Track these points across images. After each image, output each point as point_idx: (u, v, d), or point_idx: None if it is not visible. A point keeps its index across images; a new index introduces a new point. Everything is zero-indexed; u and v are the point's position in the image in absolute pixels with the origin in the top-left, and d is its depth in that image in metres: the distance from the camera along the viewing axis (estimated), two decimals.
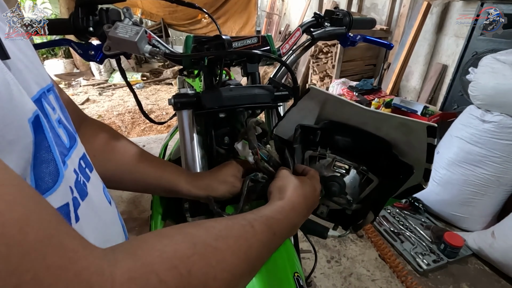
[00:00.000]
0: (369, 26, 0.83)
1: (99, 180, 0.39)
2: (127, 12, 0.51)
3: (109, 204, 0.38)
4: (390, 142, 0.48)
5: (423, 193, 1.78)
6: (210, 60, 0.56)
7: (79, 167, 0.33)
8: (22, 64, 0.26)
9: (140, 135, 3.11)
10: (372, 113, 0.46)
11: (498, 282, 1.42)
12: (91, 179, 0.35)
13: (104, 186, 0.40)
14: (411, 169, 0.46)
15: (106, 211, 0.37)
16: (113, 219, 0.38)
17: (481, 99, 1.55)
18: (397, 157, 0.47)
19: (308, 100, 0.49)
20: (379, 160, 0.49)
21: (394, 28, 3.04)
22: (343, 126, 0.51)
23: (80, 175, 0.32)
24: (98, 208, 0.34)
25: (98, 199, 0.35)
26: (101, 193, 0.37)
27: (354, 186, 0.50)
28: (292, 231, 0.40)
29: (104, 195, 0.38)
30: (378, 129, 0.48)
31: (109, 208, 0.38)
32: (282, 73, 0.68)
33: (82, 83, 4.60)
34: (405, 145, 0.47)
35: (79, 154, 0.34)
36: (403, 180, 0.47)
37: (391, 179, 0.48)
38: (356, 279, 1.43)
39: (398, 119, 0.45)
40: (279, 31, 5.48)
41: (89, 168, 0.36)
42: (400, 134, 0.46)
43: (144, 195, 2.01)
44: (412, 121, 0.44)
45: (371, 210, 0.50)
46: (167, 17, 5.73)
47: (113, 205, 0.40)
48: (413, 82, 2.83)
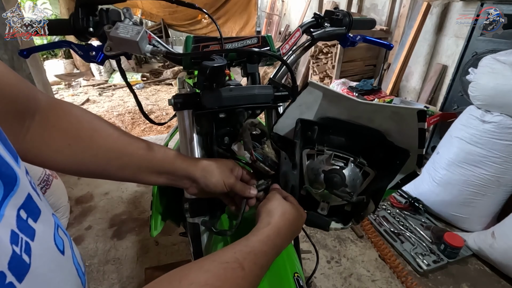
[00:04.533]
0: (369, 26, 0.83)
1: (50, 222, 0.33)
2: (127, 12, 0.51)
3: (62, 254, 0.33)
4: (383, 132, 0.50)
5: (423, 193, 1.79)
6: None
7: (19, 223, 0.26)
8: None
9: (140, 135, 3.11)
10: (366, 105, 0.48)
11: (498, 282, 1.42)
12: (36, 234, 0.28)
13: (56, 230, 0.33)
14: (407, 152, 0.48)
15: (57, 272, 0.31)
16: (66, 277, 0.33)
17: (481, 99, 1.55)
18: (393, 144, 0.49)
19: (306, 94, 0.50)
20: (375, 151, 0.51)
21: (394, 29, 3.04)
22: (339, 122, 0.52)
23: (20, 241, 0.26)
24: (45, 277, 0.28)
25: (47, 261, 0.29)
26: (52, 249, 0.31)
27: (353, 178, 0.51)
28: (277, 256, 0.41)
29: (55, 246, 0.32)
30: (372, 121, 0.50)
31: (61, 265, 0.32)
32: (282, 74, 0.68)
33: (82, 84, 4.61)
34: (398, 134, 0.49)
35: (19, 202, 0.27)
36: (400, 165, 0.49)
37: (387, 169, 0.50)
38: (356, 279, 1.43)
39: (390, 108, 0.47)
40: (279, 31, 5.48)
41: (33, 216, 0.29)
42: (392, 123, 0.48)
43: (144, 195, 2.02)
44: (403, 108, 0.46)
45: (372, 199, 0.51)
46: (167, 17, 5.73)
47: (67, 251, 0.34)
48: (413, 82, 2.83)
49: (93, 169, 0.44)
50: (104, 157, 0.45)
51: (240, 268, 0.33)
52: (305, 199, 0.55)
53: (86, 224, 1.76)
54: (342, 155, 0.52)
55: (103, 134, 0.46)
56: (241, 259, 0.34)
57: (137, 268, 1.47)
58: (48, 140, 0.40)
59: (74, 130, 0.43)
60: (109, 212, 1.86)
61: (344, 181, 0.50)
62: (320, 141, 0.54)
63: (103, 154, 0.45)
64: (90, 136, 0.44)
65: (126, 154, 0.47)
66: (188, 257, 1.52)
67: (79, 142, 0.43)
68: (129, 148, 0.47)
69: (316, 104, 0.52)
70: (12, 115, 0.35)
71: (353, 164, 0.52)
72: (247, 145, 0.52)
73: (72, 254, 0.36)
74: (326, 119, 0.53)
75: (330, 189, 0.50)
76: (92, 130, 0.45)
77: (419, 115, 0.45)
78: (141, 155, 0.47)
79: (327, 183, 0.50)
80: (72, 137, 0.43)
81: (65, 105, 0.45)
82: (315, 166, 0.53)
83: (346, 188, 0.50)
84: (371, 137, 0.51)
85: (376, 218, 1.77)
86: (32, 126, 0.38)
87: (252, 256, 0.35)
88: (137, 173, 0.48)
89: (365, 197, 0.51)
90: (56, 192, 1.62)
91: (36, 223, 0.29)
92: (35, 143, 0.39)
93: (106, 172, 0.46)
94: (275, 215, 0.42)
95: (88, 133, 0.44)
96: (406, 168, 0.50)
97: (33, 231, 0.28)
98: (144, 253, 1.56)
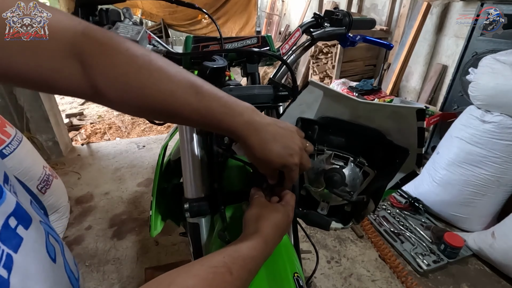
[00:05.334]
0: (369, 26, 0.83)
1: (39, 231, 0.32)
2: (127, 12, 0.51)
3: (53, 262, 0.33)
4: (383, 132, 0.50)
5: (423, 193, 1.79)
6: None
7: (5, 233, 0.26)
8: None
9: (140, 135, 3.11)
10: (365, 105, 0.49)
11: (498, 282, 1.42)
12: (24, 242, 0.28)
13: (47, 237, 0.33)
14: (406, 151, 0.48)
15: (47, 282, 0.30)
16: (57, 286, 0.32)
17: (481, 99, 1.55)
18: (392, 143, 0.49)
19: (307, 94, 0.50)
20: (374, 151, 0.51)
21: (394, 29, 3.04)
22: (339, 122, 0.53)
23: (3, 255, 0.25)
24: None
25: (38, 271, 0.29)
26: (44, 258, 0.31)
27: (353, 178, 0.51)
28: (265, 260, 0.41)
29: (47, 254, 0.31)
30: (371, 121, 0.50)
31: (52, 273, 0.32)
32: (282, 74, 0.68)
33: None
34: (398, 133, 0.49)
35: (7, 211, 0.27)
36: (400, 164, 0.49)
37: (387, 168, 0.50)
38: (356, 279, 1.43)
39: (390, 107, 0.47)
40: (279, 31, 5.48)
41: (24, 223, 0.29)
42: (392, 122, 0.48)
43: (144, 195, 2.02)
44: (402, 107, 0.46)
45: (372, 198, 0.51)
46: (167, 17, 5.73)
47: (58, 258, 0.34)
48: (413, 82, 2.83)
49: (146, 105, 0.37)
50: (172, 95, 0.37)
51: (228, 272, 0.33)
52: (305, 199, 0.55)
53: (86, 224, 1.76)
54: (342, 155, 0.52)
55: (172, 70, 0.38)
56: (229, 264, 0.34)
57: (137, 268, 1.47)
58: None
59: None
60: (109, 212, 1.86)
61: (344, 180, 0.50)
62: (320, 140, 0.54)
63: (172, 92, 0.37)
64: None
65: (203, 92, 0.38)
66: (188, 257, 1.52)
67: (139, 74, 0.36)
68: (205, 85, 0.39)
69: (316, 103, 0.52)
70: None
71: (353, 164, 0.52)
72: None
73: (64, 261, 0.36)
74: (326, 118, 0.53)
75: (330, 188, 0.50)
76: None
77: (418, 114, 0.45)
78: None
79: (327, 182, 0.50)
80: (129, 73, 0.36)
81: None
82: (315, 165, 0.53)
83: (346, 188, 0.50)
84: (370, 136, 0.51)
85: (376, 218, 1.77)
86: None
87: (241, 261, 0.35)
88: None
89: (365, 197, 0.51)
90: (56, 192, 1.62)
91: (28, 229, 0.29)
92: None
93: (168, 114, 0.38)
94: (262, 221, 0.42)
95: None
96: (405, 167, 0.50)
97: (19, 241, 0.27)
98: (144, 253, 1.56)
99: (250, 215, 0.44)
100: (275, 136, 0.40)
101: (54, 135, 2.34)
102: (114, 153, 2.58)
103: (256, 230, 0.41)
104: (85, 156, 2.52)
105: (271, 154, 0.40)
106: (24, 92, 2.09)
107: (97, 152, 2.59)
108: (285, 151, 0.40)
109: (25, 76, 0.29)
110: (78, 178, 2.19)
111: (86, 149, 2.65)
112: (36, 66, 0.29)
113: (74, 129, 3.16)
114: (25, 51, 0.28)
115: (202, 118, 0.37)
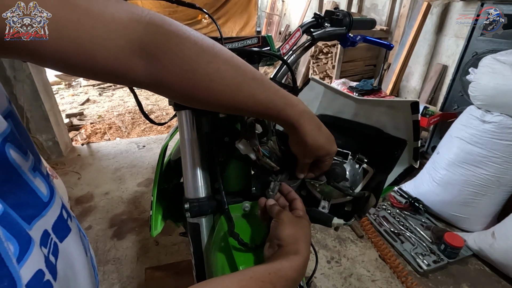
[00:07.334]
0: (369, 26, 0.83)
1: (75, 225, 0.35)
2: None
3: (86, 255, 0.36)
4: (380, 128, 0.52)
5: (423, 193, 1.79)
6: None
7: (59, 224, 0.30)
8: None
9: (140, 135, 3.11)
10: (363, 102, 0.51)
11: (498, 282, 1.42)
12: (71, 233, 0.32)
13: (80, 231, 0.36)
14: (404, 142, 0.49)
15: (82, 272, 0.34)
16: (88, 278, 0.36)
17: (481, 99, 1.55)
18: (390, 135, 0.51)
19: (308, 91, 0.51)
20: (373, 147, 0.53)
21: (394, 29, 3.04)
22: (338, 120, 0.54)
23: (49, 242, 0.29)
24: (73, 275, 0.31)
25: (75, 262, 0.32)
26: (81, 249, 0.34)
27: (353, 174, 0.52)
28: (300, 280, 0.41)
29: (82, 247, 0.35)
30: (369, 118, 0.52)
31: (85, 265, 0.35)
32: (282, 73, 0.68)
33: (82, 84, 4.60)
34: (394, 129, 0.51)
35: (59, 203, 0.31)
36: (398, 155, 0.50)
37: (386, 163, 0.51)
38: (356, 279, 1.43)
39: (385, 102, 0.49)
40: (279, 31, 5.48)
41: (70, 216, 0.32)
42: (388, 118, 0.50)
43: (144, 195, 2.02)
44: (396, 101, 0.48)
45: (372, 193, 0.52)
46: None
47: (87, 252, 0.37)
48: (413, 82, 2.83)
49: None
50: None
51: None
52: (305, 199, 0.55)
53: (86, 224, 1.76)
54: (341, 151, 0.53)
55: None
56: (275, 281, 0.35)
57: (137, 268, 1.47)
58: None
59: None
60: (109, 212, 1.86)
61: (344, 173, 0.51)
62: None
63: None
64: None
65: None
66: (188, 257, 1.52)
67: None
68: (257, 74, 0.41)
69: (316, 101, 0.53)
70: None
71: (352, 160, 0.53)
72: (253, 141, 0.50)
73: (90, 256, 0.39)
74: (326, 116, 0.54)
75: (332, 181, 0.50)
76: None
77: (412, 107, 0.46)
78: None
79: (329, 175, 0.50)
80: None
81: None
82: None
83: (347, 183, 0.51)
84: (368, 134, 0.53)
85: (376, 218, 1.77)
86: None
87: (284, 281, 0.36)
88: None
89: (366, 192, 0.52)
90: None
91: (65, 239, 0.33)
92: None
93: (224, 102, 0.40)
94: (301, 242, 0.41)
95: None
96: (403, 162, 0.51)
97: (68, 230, 0.32)
98: (144, 253, 1.56)
99: (287, 236, 0.42)
100: (321, 125, 0.44)
101: (54, 135, 2.34)
102: (114, 153, 2.58)
103: (297, 251, 0.40)
104: (85, 156, 2.52)
105: (321, 141, 0.43)
106: (24, 92, 2.09)
107: (97, 152, 2.59)
108: (330, 139, 0.45)
109: (101, 69, 0.29)
110: (78, 178, 2.19)
111: (86, 149, 2.65)
112: (114, 59, 0.29)
113: (74, 129, 3.16)
114: (105, 42, 0.28)
115: (265, 109, 0.39)
